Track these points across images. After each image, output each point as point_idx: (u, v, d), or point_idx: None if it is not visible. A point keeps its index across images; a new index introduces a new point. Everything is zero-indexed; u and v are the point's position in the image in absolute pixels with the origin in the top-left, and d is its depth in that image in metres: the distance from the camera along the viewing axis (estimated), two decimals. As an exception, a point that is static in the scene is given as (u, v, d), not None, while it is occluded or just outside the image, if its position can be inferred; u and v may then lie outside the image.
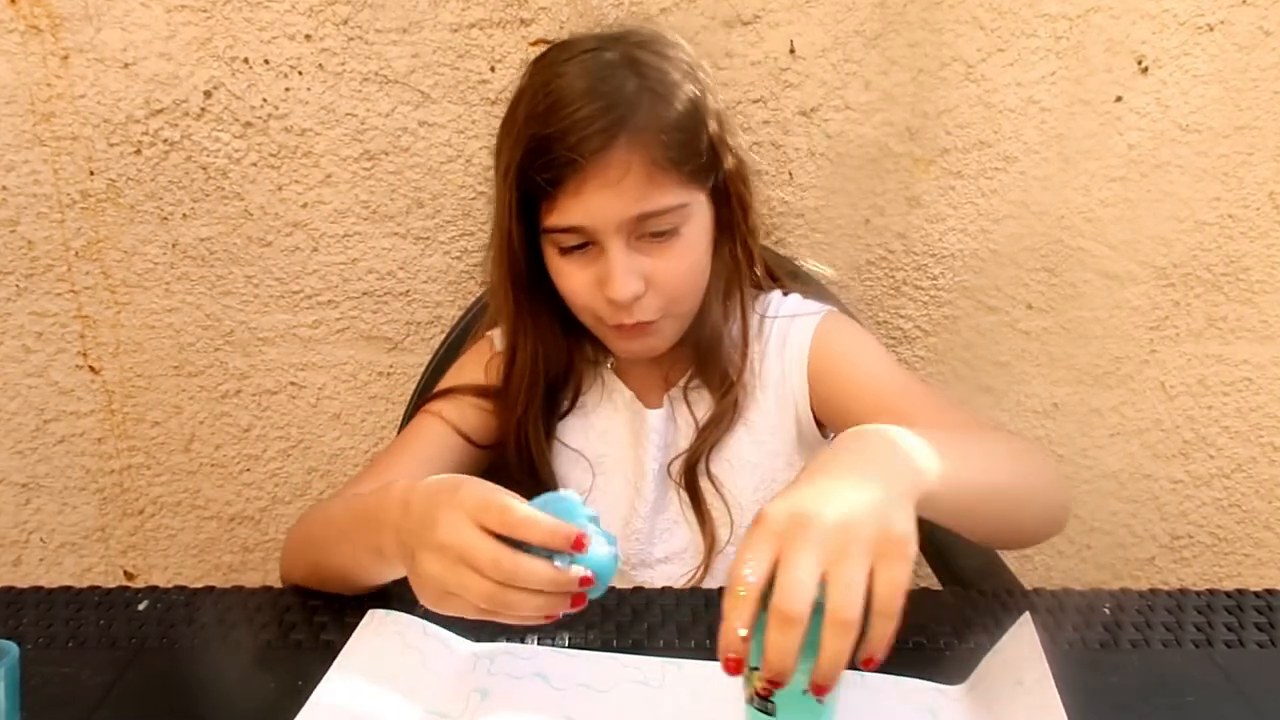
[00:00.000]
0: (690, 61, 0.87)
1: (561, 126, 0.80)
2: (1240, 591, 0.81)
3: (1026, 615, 0.68)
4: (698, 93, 0.85)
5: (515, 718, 0.66)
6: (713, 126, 0.86)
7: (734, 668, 0.53)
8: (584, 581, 0.59)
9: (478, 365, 0.98)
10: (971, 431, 0.83)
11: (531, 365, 0.93)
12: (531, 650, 0.73)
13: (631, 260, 0.83)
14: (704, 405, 0.96)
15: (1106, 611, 0.78)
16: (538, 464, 0.95)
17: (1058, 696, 0.61)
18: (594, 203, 0.81)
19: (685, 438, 0.96)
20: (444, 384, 0.98)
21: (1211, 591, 0.81)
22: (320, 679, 0.66)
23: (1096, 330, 1.22)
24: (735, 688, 0.68)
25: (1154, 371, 1.23)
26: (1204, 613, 0.78)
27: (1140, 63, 1.11)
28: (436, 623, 0.72)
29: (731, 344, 0.93)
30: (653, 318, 0.86)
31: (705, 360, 0.94)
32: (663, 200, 0.82)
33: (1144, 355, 1.22)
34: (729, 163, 0.89)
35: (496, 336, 0.99)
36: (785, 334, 0.95)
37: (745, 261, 0.94)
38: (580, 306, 0.88)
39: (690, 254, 0.87)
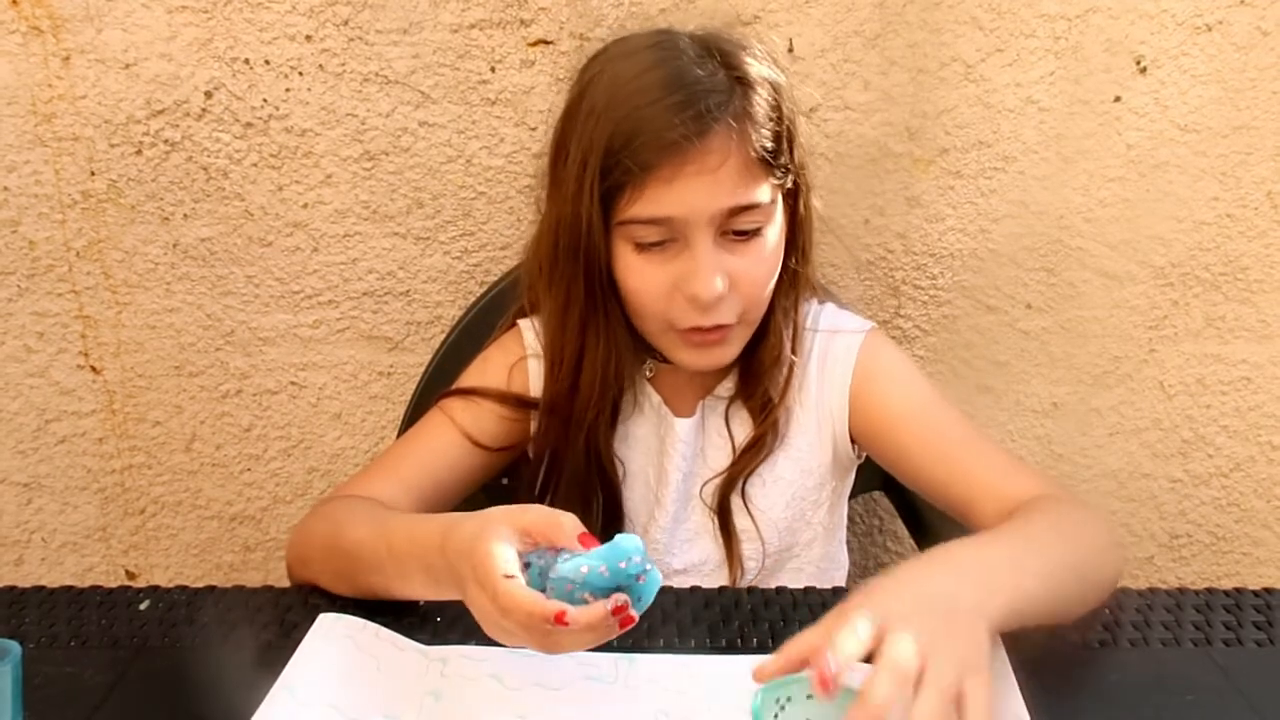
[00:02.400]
0: (772, 57, 0.85)
1: (654, 109, 0.76)
2: (1239, 590, 0.81)
3: None
4: (782, 88, 0.83)
5: (469, 719, 0.66)
6: (791, 124, 0.84)
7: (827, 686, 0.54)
8: (618, 609, 0.58)
9: (503, 365, 0.94)
10: (1035, 518, 0.77)
11: (604, 370, 0.87)
12: (484, 652, 0.72)
13: (718, 258, 0.80)
14: (739, 420, 0.92)
15: (1106, 611, 0.78)
16: (606, 470, 0.91)
17: (1011, 672, 0.62)
18: (689, 191, 0.77)
19: (716, 448, 0.93)
20: (466, 380, 0.94)
21: (1210, 590, 0.81)
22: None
23: (1096, 330, 1.22)
24: (688, 680, 0.68)
25: (1153, 371, 1.23)
26: (1203, 611, 0.78)
27: (1139, 63, 1.11)
28: (388, 626, 0.72)
29: (785, 360, 0.89)
30: (731, 321, 0.82)
31: (752, 377, 0.90)
32: (756, 194, 0.80)
33: (1143, 355, 1.23)
34: (801, 166, 0.86)
35: (527, 330, 0.94)
36: (826, 351, 0.92)
37: (805, 275, 0.90)
38: (650, 310, 0.83)
39: (771, 257, 0.84)
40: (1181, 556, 1.33)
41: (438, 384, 1.00)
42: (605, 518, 0.93)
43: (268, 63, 1.11)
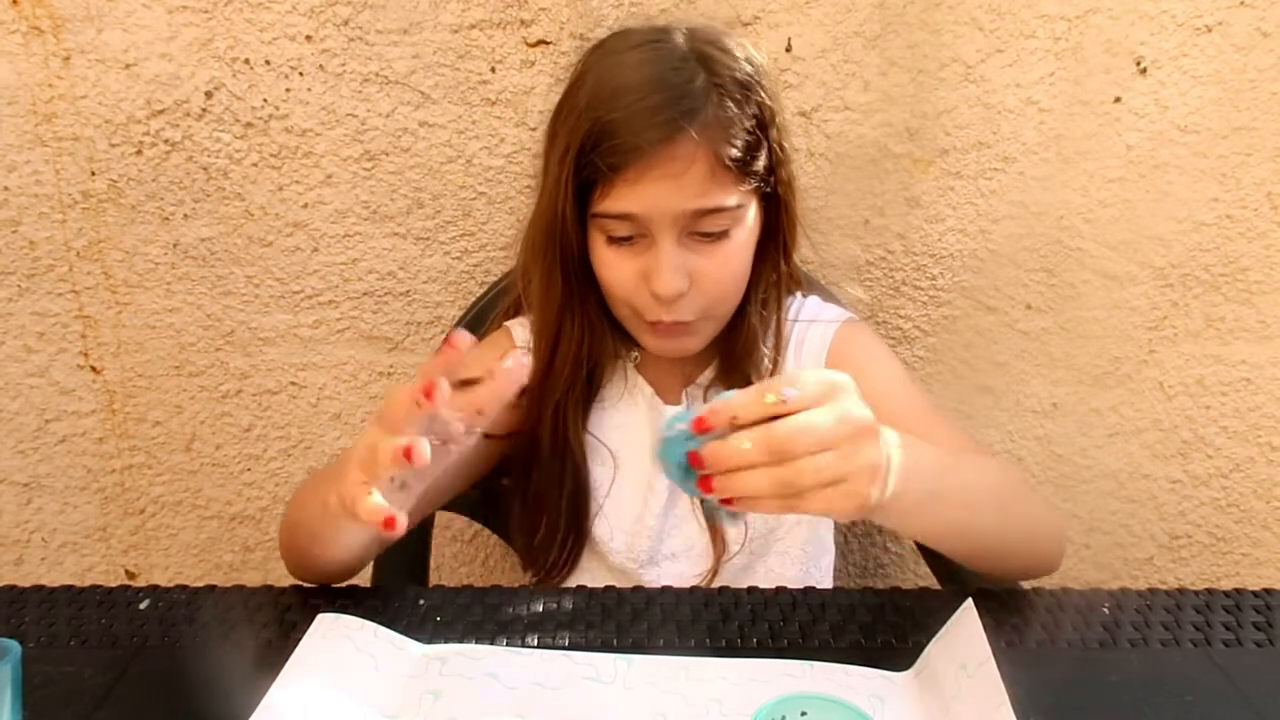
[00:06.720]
0: (756, 64, 0.87)
1: (628, 112, 0.79)
2: (1238, 591, 0.81)
3: (969, 602, 0.69)
4: (765, 96, 0.85)
5: (467, 718, 0.66)
6: (774, 132, 0.86)
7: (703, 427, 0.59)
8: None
9: (492, 358, 0.97)
10: (971, 456, 0.82)
11: (577, 350, 0.91)
12: (483, 650, 0.73)
13: (680, 256, 0.82)
14: None
15: (1105, 611, 0.78)
16: (573, 448, 0.93)
17: (1000, 682, 0.61)
18: (653, 193, 0.80)
19: None
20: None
21: (1210, 591, 0.81)
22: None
23: (1095, 330, 1.22)
24: (686, 683, 0.69)
25: (1152, 372, 1.23)
26: (1202, 612, 0.78)
27: (1139, 64, 1.11)
28: (387, 625, 0.72)
29: (761, 353, 0.92)
30: (691, 318, 0.86)
31: (732, 365, 0.93)
32: (721, 199, 0.82)
33: (1143, 355, 1.23)
34: (783, 171, 0.88)
35: (516, 328, 0.98)
36: (802, 339, 0.95)
37: (786, 272, 0.93)
38: (620, 298, 0.87)
39: (737, 258, 0.86)
40: (1181, 557, 1.33)
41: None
42: (575, 497, 0.94)
43: (268, 63, 1.11)
